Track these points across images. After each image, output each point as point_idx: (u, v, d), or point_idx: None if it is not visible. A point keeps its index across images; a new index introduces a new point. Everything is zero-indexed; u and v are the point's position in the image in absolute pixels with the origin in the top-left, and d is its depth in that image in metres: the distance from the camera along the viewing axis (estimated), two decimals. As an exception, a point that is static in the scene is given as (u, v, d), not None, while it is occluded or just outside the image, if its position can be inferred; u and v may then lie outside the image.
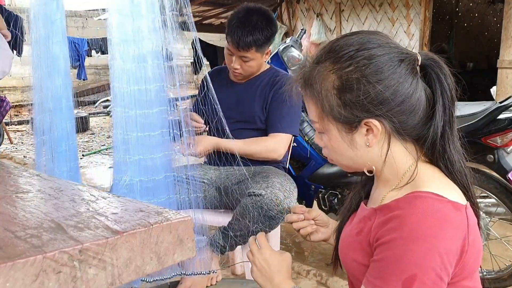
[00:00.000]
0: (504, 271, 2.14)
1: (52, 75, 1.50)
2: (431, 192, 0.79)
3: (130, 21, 1.21)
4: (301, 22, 6.83)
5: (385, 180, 0.90)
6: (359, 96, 0.81)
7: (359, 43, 0.83)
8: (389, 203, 0.83)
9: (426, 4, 5.63)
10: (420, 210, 0.77)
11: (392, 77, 0.81)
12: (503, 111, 2.02)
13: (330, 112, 0.84)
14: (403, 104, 0.82)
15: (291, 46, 2.63)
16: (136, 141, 1.26)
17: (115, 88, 1.24)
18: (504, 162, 2.06)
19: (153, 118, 1.27)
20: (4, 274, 0.41)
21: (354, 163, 0.90)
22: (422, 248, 0.74)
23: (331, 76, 0.84)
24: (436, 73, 0.84)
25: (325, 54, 0.86)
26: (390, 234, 0.77)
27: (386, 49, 0.83)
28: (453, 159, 0.86)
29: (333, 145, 0.88)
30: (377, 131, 0.83)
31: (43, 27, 1.48)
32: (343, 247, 0.96)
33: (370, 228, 0.85)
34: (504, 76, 4.27)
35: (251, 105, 1.98)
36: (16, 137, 6.81)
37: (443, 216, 0.76)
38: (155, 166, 1.29)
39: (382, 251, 0.78)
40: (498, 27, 7.81)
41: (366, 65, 0.81)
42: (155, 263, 0.53)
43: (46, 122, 1.53)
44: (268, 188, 1.66)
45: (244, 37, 1.81)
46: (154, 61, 1.25)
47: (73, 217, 0.56)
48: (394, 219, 0.78)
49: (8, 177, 0.76)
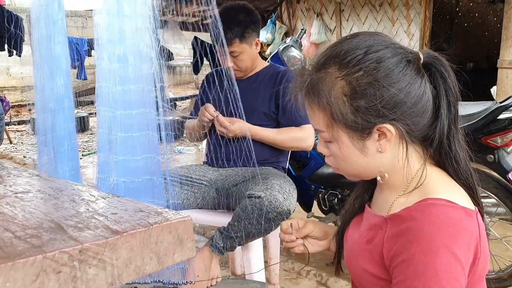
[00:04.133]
0: (504, 271, 2.14)
1: (54, 75, 1.51)
2: (443, 199, 0.77)
3: (116, 22, 1.21)
4: (301, 22, 6.82)
5: (392, 185, 0.87)
6: (372, 101, 0.78)
7: (366, 46, 0.80)
8: (400, 213, 0.80)
9: (426, 4, 5.63)
10: (435, 219, 0.74)
11: (404, 79, 0.79)
12: (503, 111, 2.02)
13: (341, 120, 0.80)
14: (416, 106, 0.80)
15: (291, 46, 2.63)
16: (121, 142, 1.25)
17: (101, 88, 1.24)
18: (504, 162, 2.06)
19: (138, 119, 1.26)
20: (4, 274, 0.41)
21: (365, 171, 0.86)
22: (444, 259, 0.71)
23: (339, 83, 0.80)
24: (439, 71, 0.82)
25: (328, 59, 0.82)
26: (408, 249, 0.74)
27: (393, 50, 0.80)
28: (459, 158, 0.84)
29: (344, 153, 0.84)
30: (390, 136, 0.80)
31: (45, 28, 1.49)
32: (351, 255, 0.93)
33: (382, 238, 0.82)
34: (504, 76, 4.27)
35: (253, 101, 1.99)
36: (16, 137, 6.81)
37: (458, 224, 0.74)
38: (140, 167, 1.29)
39: (404, 269, 0.75)
40: (498, 27, 7.80)
41: (377, 68, 0.78)
42: (155, 263, 0.53)
43: (48, 121, 1.53)
44: (267, 190, 1.66)
45: (224, 33, 1.85)
46: (140, 62, 1.24)
47: (73, 217, 0.56)
48: (409, 230, 0.76)
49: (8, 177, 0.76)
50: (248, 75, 2.06)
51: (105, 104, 1.24)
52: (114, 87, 1.22)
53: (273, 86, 1.99)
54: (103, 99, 1.24)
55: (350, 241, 0.95)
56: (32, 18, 1.50)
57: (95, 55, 1.26)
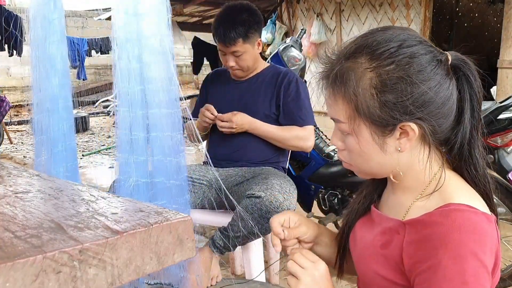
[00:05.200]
0: (504, 271, 2.14)
1: (49, 75, 1.50)
2: (465, 204, 0.75)
3: (134, 21, 1.21)
4: (301, 22, 6.82)
5: (406, 187, 0.85)
6: (402, 96, 0.75)
7: (400, 40, 0.77)
8: (422, 218, 0.77)
9: (426, 4, 5.63)
10: (460, 225, 0.72)
11: (434, 78, 0.76)
12: (503, 111, 2.02)
13: (365, 113, 0.77)
14: (443, 107, 0.77)
15: (291, 46, 2.63)
16: (143, 142, 1.25)
17: (120, 88, 1.23)
18: (504, 162, 2.06)
19: (165, 119, 1.26)
20: (4, 274, 0.41)
21: (380, 168, 0.83)
22: (472, 264, 0.70)
23: (368, 74, 0.77)
24: (466, 75, 0.79)
25: (358, 49, 0.79)
26: (434, 256, 0.72)
27: (426, 48, 0.78)
28: (478, 166, 0.82)
29: (362, 148, 0.81)
30: (413, 135, 0.78)
31: (41, 27, 1.48)
32: (361, 258, 0.91)
33: (401, 243, 0.79)
34: (504, 76, 4.26)
35: (255, 101, 2.00)
36: (16, 137, 6.81)
37: (482, 230, 0.73)
38: (165, 168, 1.28)
39: (429, 276, 0.72)
40: (498, 27, 7.80)
41: (410, 64, 0.75)
42: (155, 263, 0.53)
43: (44, 122, 1.53)
44: (267, 190, 1.66)
45: (227, 32, 1.87)
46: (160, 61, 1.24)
47: (73, 217, 0.56)
48: (434, 236, 0.74)
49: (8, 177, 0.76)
50: (249, 76, 2.06)
51: (124, 105, 1.24)
52: (134, 86, 1.22)
53: (274, 87, 1.99)
54: (122, 99, 1.24)
55: (361, 243, 0.92)
56: (29, 18, 1.50)
57: (112, 55, 1.25)
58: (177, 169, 1.30)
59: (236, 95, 2.03)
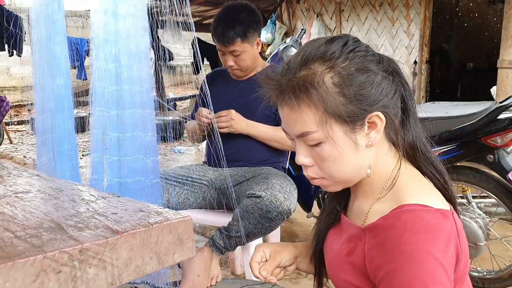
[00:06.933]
0: (504, 271, 2.15)
1: (53, 75, 1.51)
2: (418, 204, 0.76)
3: (113, 21, 1.21)
4: (301, 22, 6.82)
5: (366, 190, 0.87)
6: (365, 87, 0.78)
7: (342, 40, 0.81)
8: (377, 222, 0.79)
9: (426, 4, 5.63)
10: (412, 225, 0.73)
11: (382, 68, 0.81)
12: (503, 111, 2.01)
13: (335, 112, 0.78)
14: (394, 96, 0.82)
15: (291, 46, 2.63)
16: (116, 142, 1.25)
17: (96, 88, 1.24)
18: (504, 162, 2.06)
19: (135, 119, 1.26)
20: (4, 274, 0.41)
21: (355, 171, 0.83)
22: (427, 265, 0.71)
23: (327, 75, 0.78)
24: (395, 70, 0.84)
25: (307, 58, 0.80)
26: (391, 260, 0.74)
27: (364, 47, 0.83)
28: (429, 152, 0.86)
29: (340, 151, 0.80)
30: (381, 125, 0.80)
31: (45, 28, 1.48)
32: (332, 267, 0.92)
33: (363, 249, 0.81)
34: (504, 76, 4.26)
35: (255, 101, 1.99)
36: (16, 137, 6.81)
37: (435, 228, 0.74)
38: (138, 168, 1.28)
39: (391, 280, 0.73)
40: (498, 27, 7.80)
41: (361, 57, 0.80)
42: (155, 263, 0.53)
43: (47, 122, 1.53)
44: (268, 189, 1.66)
45: (226, 32, 1.87)
46: (136, 62, 1.24)
47: (73, 217, 0.56)
48: (388, 240, 0.75)
49: (8, 177, 0.76)
50: (249, 76, 2.06)
51: (100, 104, 1.24)
52: (110, 87, 1.22)
53: None
54: (97, 99, 1.24)
55: (330, 253, 0.94)
56: (32, 18, 1.50)
57: (90, 55, 1.26)
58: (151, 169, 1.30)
59: (236, 95, 2.03)
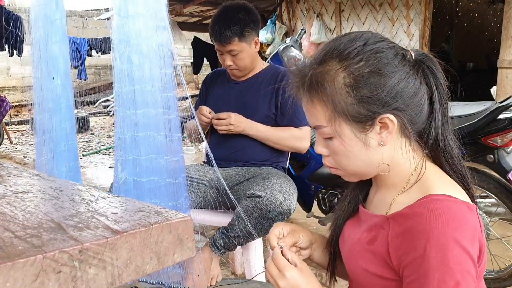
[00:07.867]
0: (504, 271, 2.14)
1: (51, 75, 1.50)
2: (445, 195, 0.77)
3: (130, 22, 1.21)
4: (301, 22, 6.82)
5: (390, 183, 0.87)
6: (375, 89, 0.79)
7: (364, 39, 0.82)
8: (403, 211, 0.80)
9: (426, 4, 5.63)
10: (440, 213, 0.74)
11: (402, 69, 0.81)
12: (503, 111, 2.01)
13: (344, 112, 0.80)
14: (415, 96, 0.81)
15: (291, 46, 2.63)
16: (135, 141, 1.26)
17: (117, 88, 1.24)
18: (504, 162, 2.06)
19: (154, 119, 1.26)
20: (4, 274, 0.41)
21: (367, 166, 0.85)
22: (455, 252, 0.72)
23: (340, 74, 0.80)
24: (430, 68, 0.84)
25: (326, 54, 0.83)
26: (418, 247, 0.74)
27: (388, 44, 0.83)
28: (454, 154, 0.86)
29: (346, 148, 0.83)
30: (392, 127, 0.81)
31: (43, 27, 1.49)
32: (350, 256, 0.92)
33: (386, 237, 0.81)
34: (504, 76, 4.27)
35: (255, 101, 2.00)
36: (16, 137, 6.81)
37: (462, 218, 0.75)
38: (155, 167, 1.29)
39: (416, 267, 0.74)
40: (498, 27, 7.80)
41: (377, 58, 0.80)
42: (155, 263, 0.53)
43: (46, 122, 1.53)
44: (268, 189, 1.66)
45: (223, 31, 1.88)
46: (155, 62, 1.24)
47: (73, 217, 0.56)
48: (416, 227, 0.75)
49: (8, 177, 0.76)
50: (248, 76, 2.05)
51: (123, 104, 1.25)
52: (132, 86, 1.23)
53: (273, 87, 1.99)
54: (121, 99, 1.25)
55: (349, 241, 0.94)
56: (31, 18, 1.50)
57: (112, 56, 1.27)
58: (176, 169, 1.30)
59: (236, 95, 2.03)
